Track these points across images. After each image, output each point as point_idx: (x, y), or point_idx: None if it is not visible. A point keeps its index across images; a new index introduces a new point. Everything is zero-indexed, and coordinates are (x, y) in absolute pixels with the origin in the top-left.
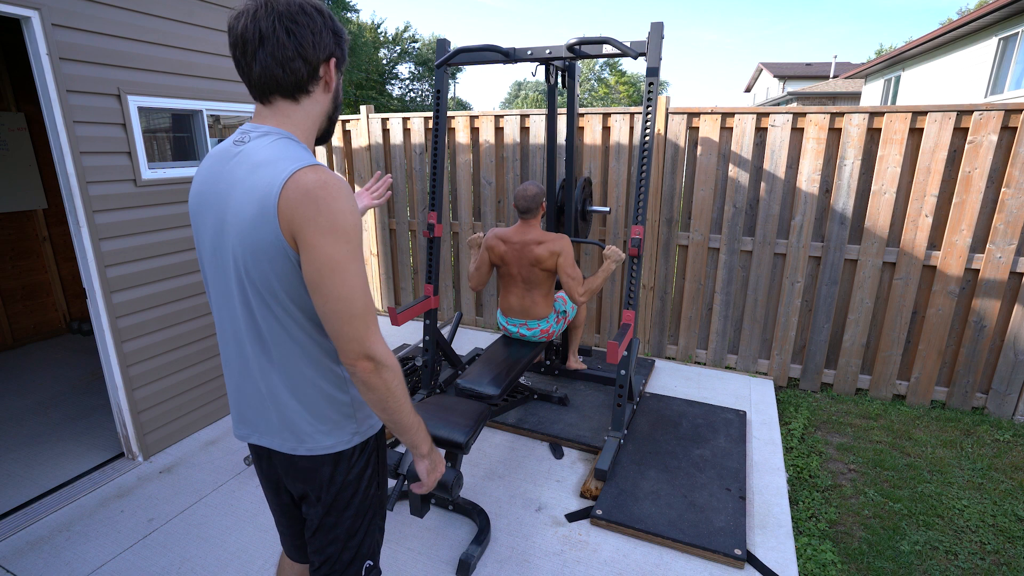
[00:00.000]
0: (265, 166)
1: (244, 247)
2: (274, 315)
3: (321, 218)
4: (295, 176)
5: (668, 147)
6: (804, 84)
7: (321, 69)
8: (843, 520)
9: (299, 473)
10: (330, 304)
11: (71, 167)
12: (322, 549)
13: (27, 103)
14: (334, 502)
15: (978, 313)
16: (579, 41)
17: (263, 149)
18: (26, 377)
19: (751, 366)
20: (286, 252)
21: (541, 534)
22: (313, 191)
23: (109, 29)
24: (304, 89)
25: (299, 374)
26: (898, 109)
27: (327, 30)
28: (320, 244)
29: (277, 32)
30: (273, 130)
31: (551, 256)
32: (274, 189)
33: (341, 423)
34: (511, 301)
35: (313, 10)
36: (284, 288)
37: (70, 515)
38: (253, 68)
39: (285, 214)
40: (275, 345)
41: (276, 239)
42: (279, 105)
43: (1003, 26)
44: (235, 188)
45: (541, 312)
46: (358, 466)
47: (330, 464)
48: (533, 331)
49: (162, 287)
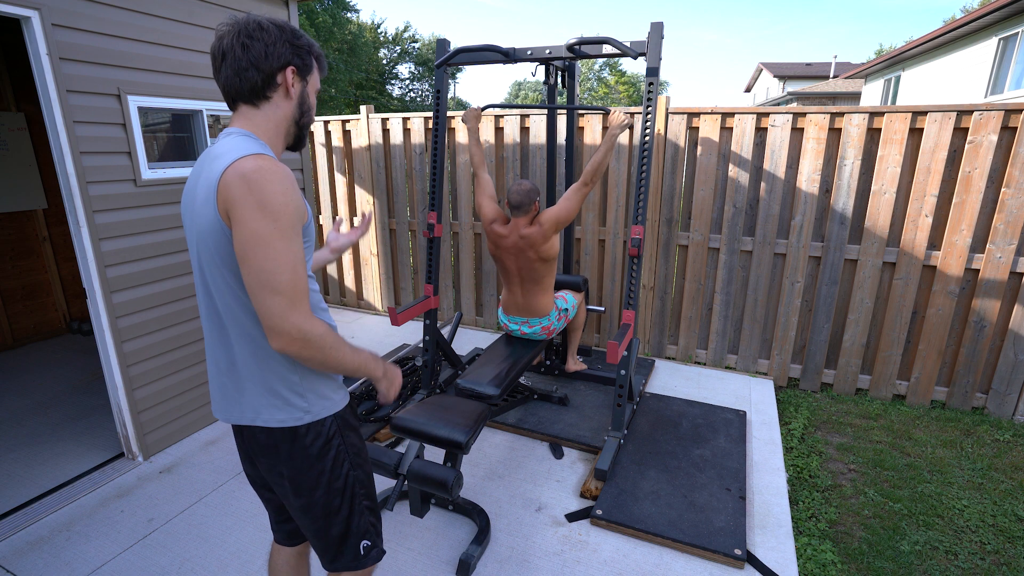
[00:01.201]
0: (218, 158)
1: (196, 230)
2: (223, 294)
3: (251, 196)
4: (236, 163)
5: (668, 147)
6: (804, 84)
7: (278, 77)
8: (843, 520)
9: (261, 448)
10: (252, 276)
11: (71, 167)
12: (307, 527)
13: (27, 103)
14: (299, 480)
15: (978, 313)
16: (579, 41)
17: (223, 145)
18: (26, 377)
19: (751, 366)
20: (223, 229)
21: (541, 534)
22: (248, 174)
23: (109, 29)
24: (261, 95)
25: (250, 349)
26: (898, 109)
27: (282, 42)
28: (247, 219)
29: (235, 47)
30: (235, 130)
31: (543, 232)
32: (217, 175)
33: (291, 400)
34: (512, 298)
35: (272, 26)
36: (226, 265)
37: (70, 515)
38: (220, 78)
39: (223, 194)
40: (229, 321)
41: (215, 218)
42: (243, 110)
43: (1003, 26)
44: (200, 181)
45: (543, 309)
46: (316, 445)
47: (287, 441)
48: (534, 328)
49: (162, 287)
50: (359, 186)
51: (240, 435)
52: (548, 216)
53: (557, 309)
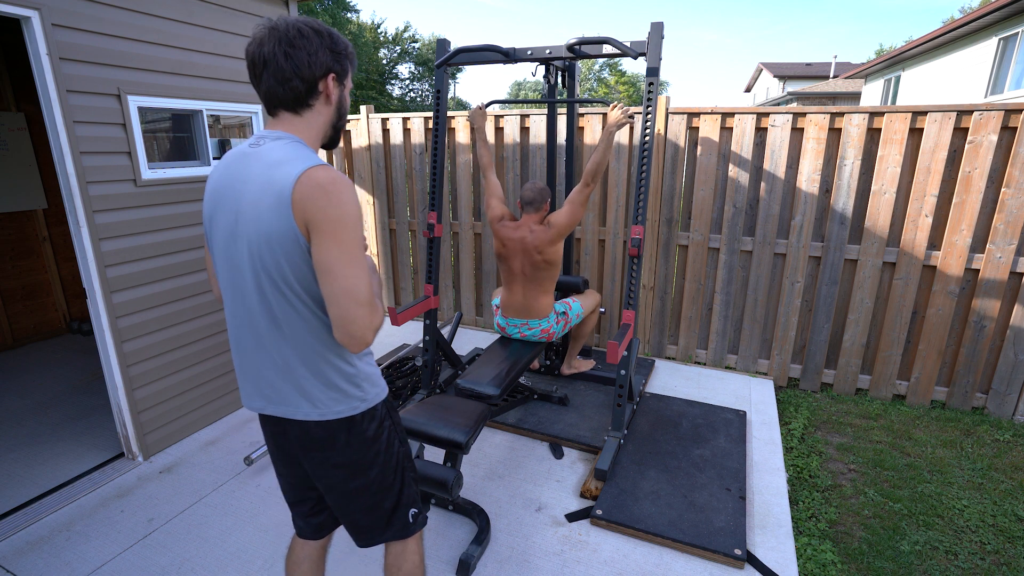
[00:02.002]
0: (280, 164)
1: (259, 235)
2: (284, 296)
3: (332, 209)
4: (308, 172)
5: (668, 147)
6: (804, 84)
7: (320, 85)
8: (843, 520)
9: (314, 443)
10: (338, 288)
11: (71, 167)
12: (358, 507)
13: (27, 103)
14: (357, 465)
15: (978, 313)
16: (579, 41)
17: (277, 150)
18: (26, 377)
19: (751, 366)
20: (297, 239)
21: (541, 534)
22: (326, 186)
23: (109, 29)
24: (304, 103)
25: (309, 348)
26: (898, 109)
27: (323, 49)
28: (332, 232)
29: (276, 56)
30: (284, 135)
31: (550, 235)
32: (289, 183)
33: (350, 391)
34: (512, 298)
35: (311, 32)
36: (293, 272)
37: (70, 515)
38: (260, 87)
39: (300, 205)
40: (285, 323)
41: (290, 228)
42: (285, 117)
43: (1003, 26)
44: (250, 184)
45: (542, 310)
46: (371, 428)
47: (344, 430)
48: (534, 331)
49: (162, 287)
50: (359, 186)
51: (284, 435)
52: (557, 219)
53: (556, 312)
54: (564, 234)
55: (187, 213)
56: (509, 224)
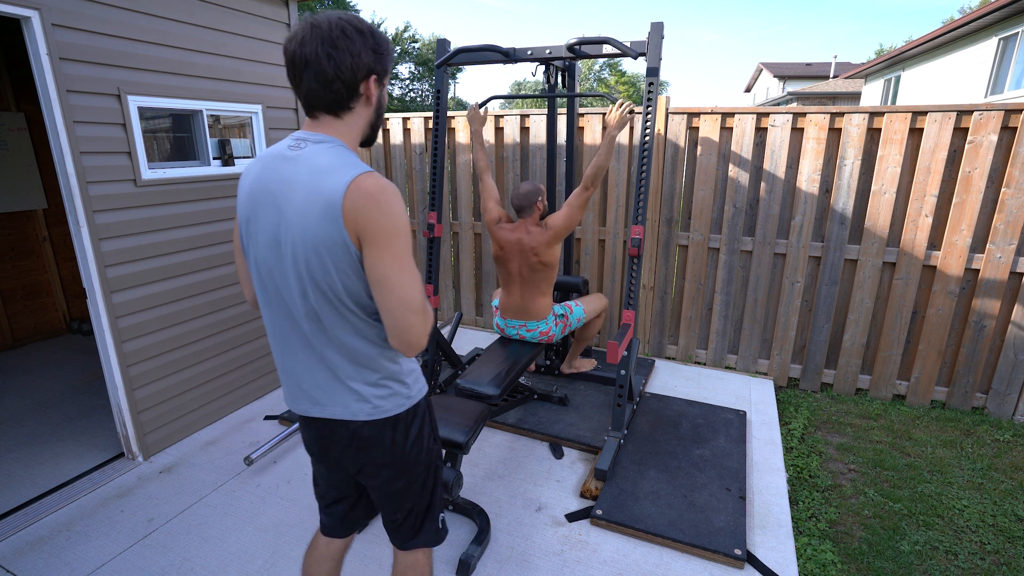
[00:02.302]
0: (327, 172)
1: (307, 244)
2: (330, 303)
3: (383, 219)
4: (357, 181)
5: (668, 147)
6: (804, 84)
7: (361, 87)
8: (843, 520)
9: (362, 442)
10: (393, 298)
11: (71, 167)
12: (401, 506)
13: (27, 103)
14: (402, 464)
15: (978, 313)
16: (579, 41)
17: (321, 155)
18: (26, 377)
19: (751, 366)
20: (348, 249)
21: (541, 534)
22: (376, 195)
23: (109, 29)
24: (345, 106)
25: (356, 349)
26: (898, 109)
27: (367, 50)
28: (386, 243)
29: (319, 57)
30: (327, 138)
31: (547, 237)
32: (339, 192)
33: (397, 388)
34: (510, 300)
35: (354, 32)
36: (341, 280)
37: (70, 515)
38: (301, 87)
39: (350, 215)
40: (331, 327)
41: (340, 237)
42: (324, 119)
43: (1003, 26)
44: (296, 189)
45: (541, 312)
46: (415, 426)
47: (390, 428)
48: (532, 332)
49: (162, 287)
50: None
51: (330, 437)
52: (555, 221)
53: (555, 315)
54: (561, 236)
55: (187, 213)
56: (506, 226)
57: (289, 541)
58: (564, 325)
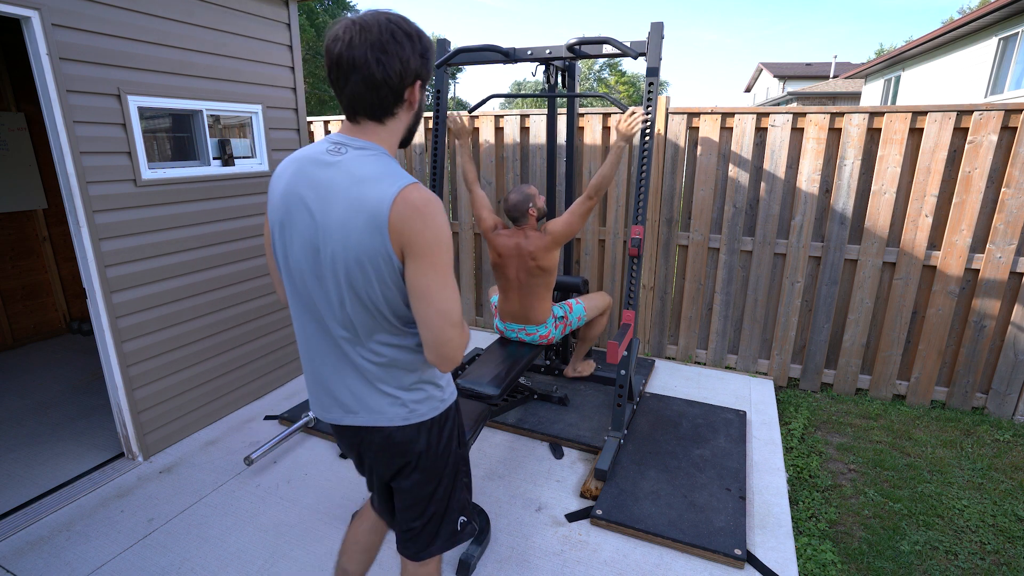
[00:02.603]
0: (370, 181)
1: (348, 254)
2: (368, 312)
3: (428, 232)
4: (403, 193)
5: (668, 147)
6: (804, 84)
7: (406, 92)
8: (843, 520)
9: (396, 447)
10: (433, 311)
11: (71, 167)
12: (424, 512)
13: (27, 103)
14: (431, 468)
15: (978, 313)
16: (579, 41)
17: (363, 164)
18: (26, 377)
19: (751, 366)
20: (391, 261)
21: (541, 534)
22: (421, 208)
23: (109, 29)
24: (390, 112)
25: (391, 356)
26: (898, 109)
27: (415, 55)
28: (427, 255)
29: (368, 62)
30: (368, 145)
31: (545, 242)
32: (384, 204)
33: (432, 392)
34: (509, 306)
35: (403, 36)
36: (382, 291)
37: (70, 515)
38: (345, 90)
39: (396, 227)
40: (366, 335)
41: (384, 250)
42: (366, 124)
43: (1003, 26)
44: (336, 197)
45: (540, 316)
46: (447, 430)
47: (424, 432)
48: (532, 336)
49: (162, 287)
50: None
51: (362, 445)
52: (555, 226)
53: (554, 317)
54: (560, 243)
55: (187, 213)
56: (503, 232)
57: (289, 541)
58: (564, 326)
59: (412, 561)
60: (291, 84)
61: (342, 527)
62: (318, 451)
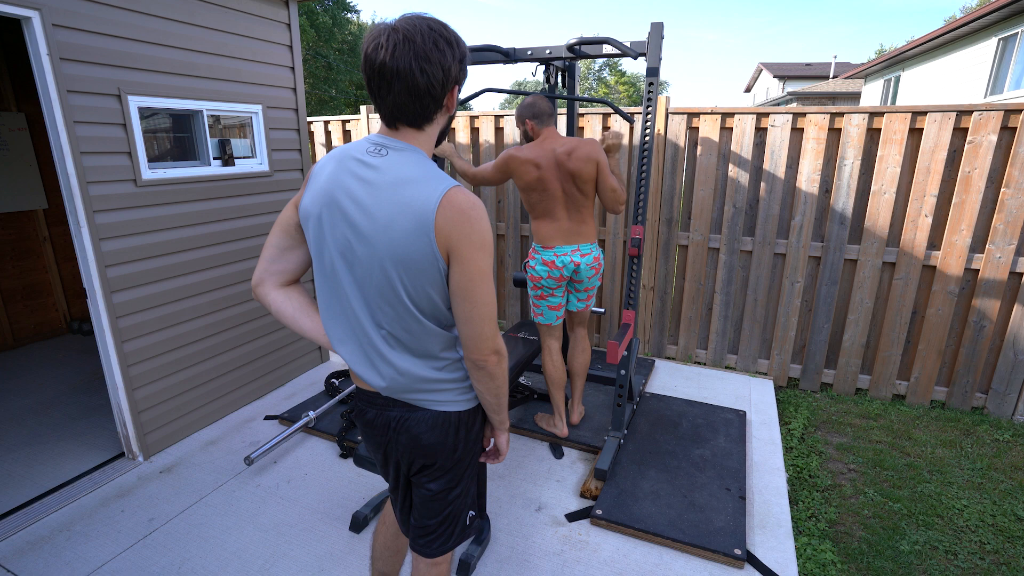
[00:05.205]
0: (413, 184)
1: (393, 256)
2: (408, 311)
3: (474, 235)
4: (448, 196)
5: (668, 147)
6: (804, 84)
7: (445, 99)
8: (843, 520)
9: (424, 449)
10: (477, 309)
11: (71, 167)
12: (443, 511)
13: (27, 103)
14: (455, 467)
15: (978, 313)
16: (579, 41)
17: (404, 166)
18: (26, 377)
19: (751, 366)
20: (437, 263)
21: (541, 534)
22: (466, 211)
23: (109, 29)
24: (429, 119)
25: (428, 353)
26: (898, 109)
27: (455, 62)
28: (474, 257)
29: (413, 71)
30: (408, 147)
31: (588, 163)
32: (430, 207)
33: (467, 386)
34: (558, 226)
35: (445, 44)
36: (423, 288)
37: (70, 515)
38: (387, 98)
39: (443, 230)
40: (404, 332)
41: (430, 252)
42: (405, 131)
43: (1003, 26)
44: (378, 198)
45: (592, 233)
46: (476, 426)
47: (455, 425)
48: (587, 257)
49: (163, 287)
50: None
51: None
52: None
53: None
54: (595, 177)
55: (188, 213)
56: (526, 147)
57: (289, 541)
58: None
59: (426, 559)
60: (291, 84)
61: (342, 527)
62: (318, 451)
